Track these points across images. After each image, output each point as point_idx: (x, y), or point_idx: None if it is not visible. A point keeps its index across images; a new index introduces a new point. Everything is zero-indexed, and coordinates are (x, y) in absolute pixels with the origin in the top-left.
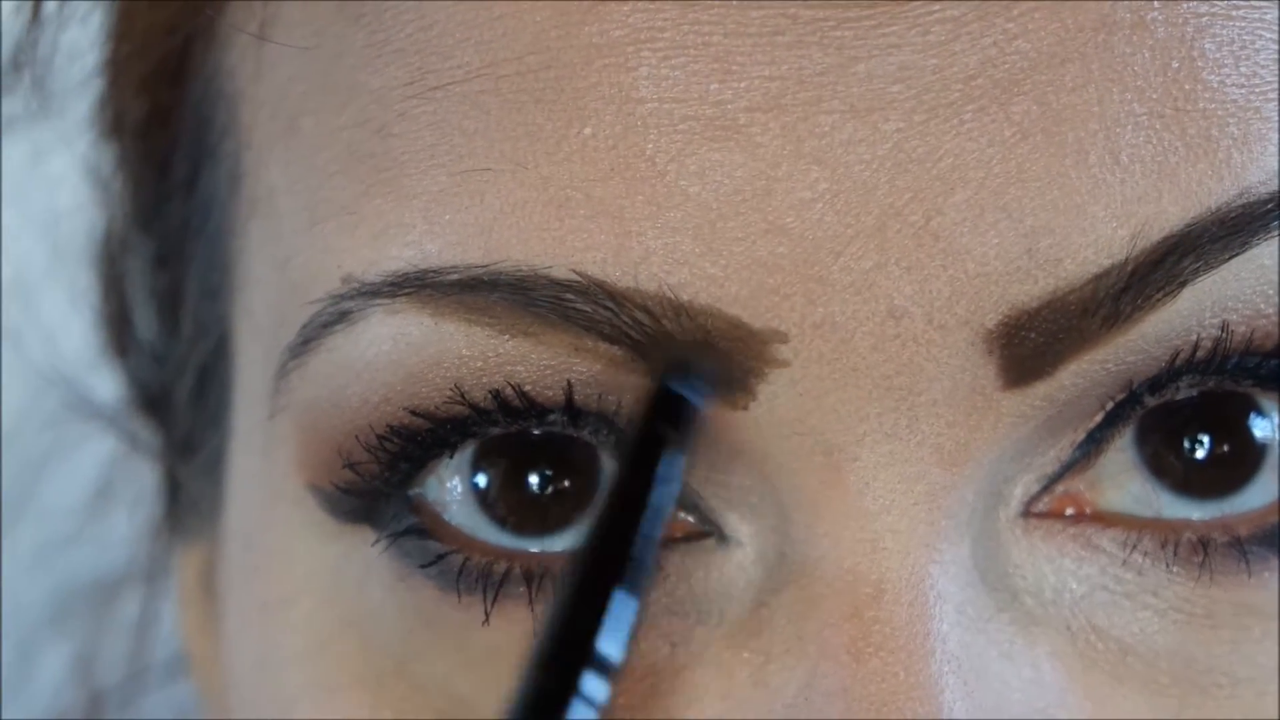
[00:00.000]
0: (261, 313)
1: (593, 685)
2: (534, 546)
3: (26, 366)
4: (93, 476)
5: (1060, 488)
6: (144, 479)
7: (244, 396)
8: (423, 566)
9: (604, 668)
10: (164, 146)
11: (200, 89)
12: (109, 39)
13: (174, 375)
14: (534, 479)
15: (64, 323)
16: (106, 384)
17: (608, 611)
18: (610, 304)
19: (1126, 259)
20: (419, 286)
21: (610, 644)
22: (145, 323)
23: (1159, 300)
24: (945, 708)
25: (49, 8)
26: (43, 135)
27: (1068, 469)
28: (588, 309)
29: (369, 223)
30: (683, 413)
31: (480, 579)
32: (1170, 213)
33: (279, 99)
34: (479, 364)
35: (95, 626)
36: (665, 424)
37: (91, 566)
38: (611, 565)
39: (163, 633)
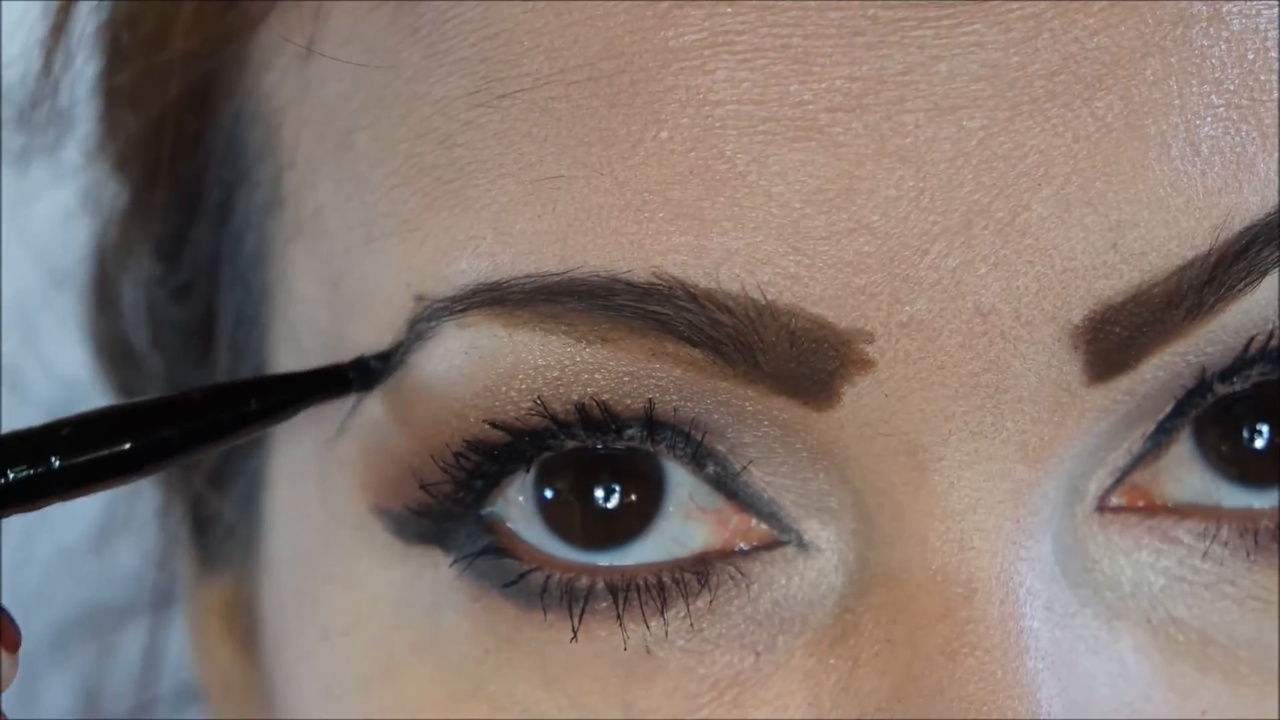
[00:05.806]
0: (307, 336)
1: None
2: (602, 560)
3: (26, 400)
4: (97, 509)
5: (1129, 481)
6: (147, 510)
7: (289, 423)
8: (504, 586)
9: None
10: (191, 174)
11: (232, 114)
12: (129, 70)
13: None
14: (599, 493)
15: (65, 355)
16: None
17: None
18: (691, 305)
19: (1209, 250)
20: (491, 298)
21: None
22: (154, 358)
23: (1240, 290)
24: (1043, 705)
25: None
26: (45, 170)
27: (1139, 461)
28: (669, 311)
29: (435, 237)
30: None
31: (564, 595)
32: (1251, 203)
33: (328, 116)
34: (555, 374)
35: (100, 657)
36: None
37: (95, 598)
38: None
39: (170, 663)
